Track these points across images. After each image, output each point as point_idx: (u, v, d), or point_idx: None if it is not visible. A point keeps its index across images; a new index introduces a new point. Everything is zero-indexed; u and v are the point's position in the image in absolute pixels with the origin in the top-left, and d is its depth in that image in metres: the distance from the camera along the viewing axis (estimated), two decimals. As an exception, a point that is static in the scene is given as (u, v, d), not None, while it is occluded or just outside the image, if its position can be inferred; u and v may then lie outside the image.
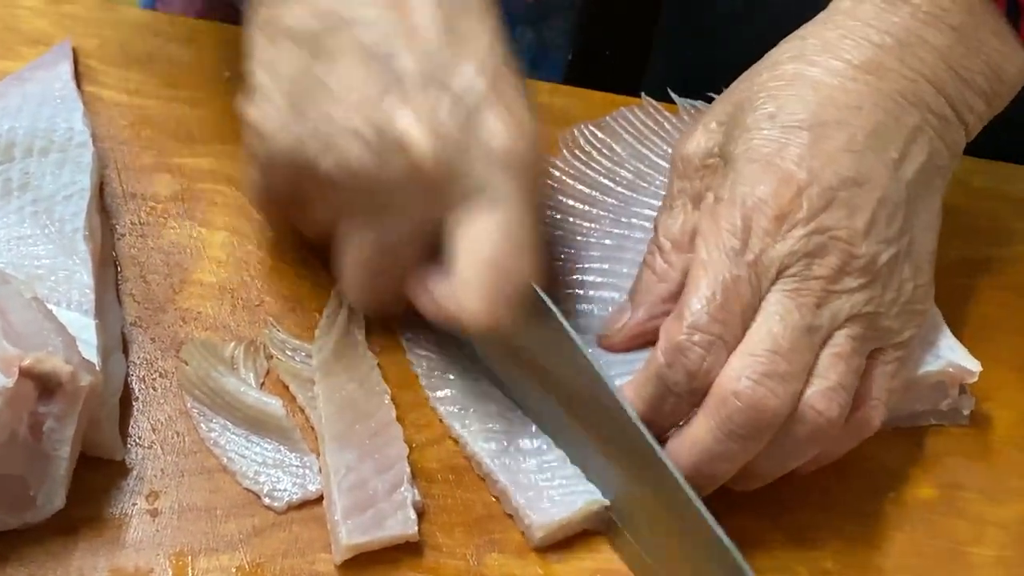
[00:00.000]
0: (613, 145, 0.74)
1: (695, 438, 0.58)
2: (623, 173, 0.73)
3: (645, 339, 0.63)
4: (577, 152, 0.73)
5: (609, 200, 0.71)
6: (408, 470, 0.59)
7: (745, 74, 0.65)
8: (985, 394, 0.68)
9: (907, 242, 0.61)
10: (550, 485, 0.60)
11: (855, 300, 0.59)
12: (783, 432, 0.58)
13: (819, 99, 0.61)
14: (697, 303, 0.58)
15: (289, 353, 0.63)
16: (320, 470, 0.59)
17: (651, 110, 0.75)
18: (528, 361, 0.62)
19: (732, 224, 0.59)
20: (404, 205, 0.58)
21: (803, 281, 0.59)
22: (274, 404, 0.61)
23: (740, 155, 0.61)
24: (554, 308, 0.59)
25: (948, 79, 0.62)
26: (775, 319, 0.58)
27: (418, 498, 0.59)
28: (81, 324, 0.58)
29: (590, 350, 0.59)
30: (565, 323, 0.59)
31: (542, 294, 0.59)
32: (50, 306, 0.57)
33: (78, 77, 0.71)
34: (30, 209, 0.63)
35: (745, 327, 0.58)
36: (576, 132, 0.74)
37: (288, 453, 0.60)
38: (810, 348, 0.58)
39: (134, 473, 0.58)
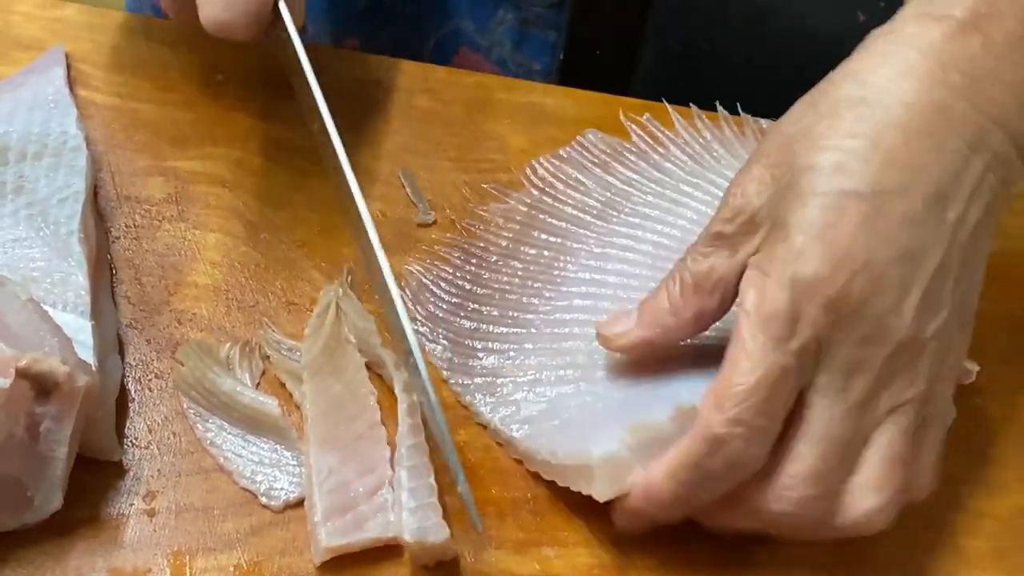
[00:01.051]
0: (579, 176, 0.74)
1: (733, 524, 0.59)
2: (591, 203, 0.72)
3: (641, 352, 0.62)
4: (544, 187, 0.73)
5: (582, 231, 0.71)
6: (391, 472, 0.59)
7: (800, 111, 0.60)
8: (977, 388, 0.68)
9: (959, 303, 0.58)
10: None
11: (902, 386, 0.57)
12: (829, 527, 0.58)
13: (881, 159, 0.56)
14: (741, 396, 0.55)
15: (284, 352, 0.63)
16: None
17: (601, 137, 0.75)
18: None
19: (780, 308, 0.56)
20: None
21: (848, 380, 0.56)
22: (270, 403, 0.61)
23: (794, 224, 0.57)
24: (289, 19, 0.63)
25: (1017, 117, 0.58)
26: (818, 434, 0.56)
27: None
28: (77, 326, 0.58)
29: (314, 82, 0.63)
30: (295, 35, 0.63)
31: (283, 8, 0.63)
32: (46, 308, 0.57)
33: (71, 81, 0.71)
34: (25, 212, 0.63)
35: (787, 411, 0.57)
36: (537, 165, 0.74)
37: (285, 452, 0.60)
38: (856, 450, 0.57)
39: (131, 474, 0.58)
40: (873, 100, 0.57)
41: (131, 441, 0.59)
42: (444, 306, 0.67)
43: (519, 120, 0.76)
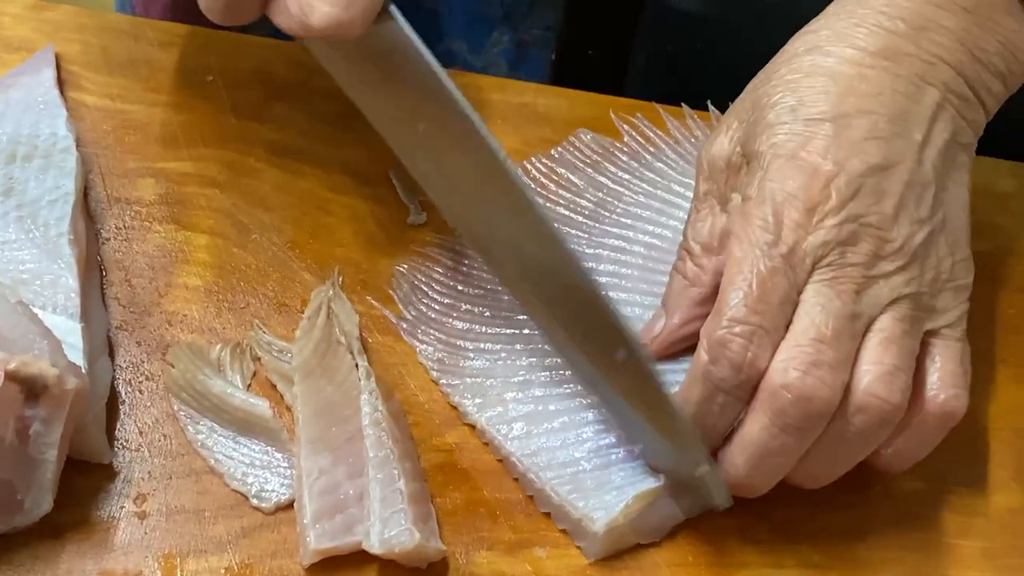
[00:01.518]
0: (570, 176, 0.74)
1: (748, 437, 0.59)
2: (583, 203, 0.72)
3: (682, 345, 0.64)
4: (536, 188, 0.73)
5: (574, 232, 0.71)
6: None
7: (762, 71, 0.65)
8: (970, 387, 0.68)
9: (940, 219, 0.61)
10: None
11: (894, 283, 0.59)
12: (844, 425, 0.58)
13: (839, 90, 0.61)
14: (735, 297, 0.58)
15: (275, 354, 0.63)
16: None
17: (593, 137, 0.75)
18: (385, 86, 0.63)
19: (764, 220, 0.59)
20: None
21: (839, 269, 0.59)
22: (261, 405, 0.61)
23: (765, 152, 0.61)
24: (400, 17, 0.59)
25: (965, 60, 0.62)
26: (816, 309, 0.58)
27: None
28: (67, 328, 0.58)
29: (435, 63, 0.60)
30: (412, 34, 0.59)
31: (395, 12, 0.60)
32: (35, 310, 0.57)
33: (61, 83, 0.71)
34: (14, 214, 0.63)
35: (785, 319, 0.58)
36: (528, 166, 0.74)
37: (276, 454, 0.60)
38: (853, 336, 0.58)
39: (121, 476, 0.58)
40: (825, 47, 0.62)
41: (121, 443, 0.59)
42: (436, 307, 0.67)
43: (512, 121, 0.76)
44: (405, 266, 0.68)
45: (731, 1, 0.84)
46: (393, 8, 0.60)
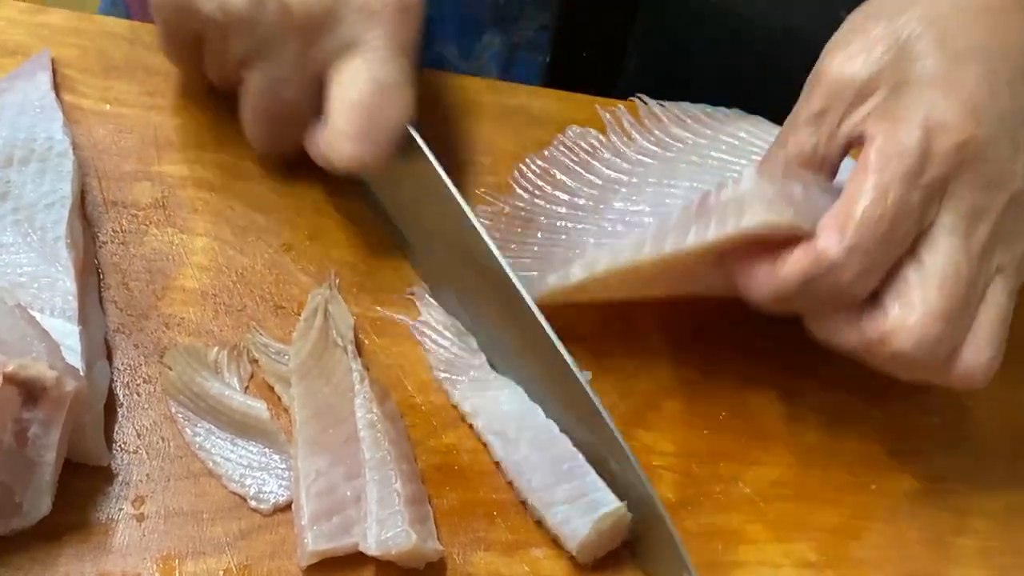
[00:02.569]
0: (562, 177, 0.74)
1: (843, 349, 0.59)
2: (580, 202, 0.73)
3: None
4: (532, 189, 0.74)
5: (570, 225, 0.72)
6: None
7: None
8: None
9: None
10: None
11: (1011, 241, 0.59)
12: (941, 373, 0.59)
13: (983, 29, 0.60)
14: (865, 224, 0.57)
15: (273, 356, 0.63)
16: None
17: (580, 132, 0.76)
18: (410, 201, 0.67)
19: (912, 142, 0.58)
20: (282, 52, 0.63)
21: (972, 223, 0.58)
22: (259, 407, 0.61)
23: (915, 80, 0.59)
24: (425, 147, 0.64)
25: None
26: (943, 274, 0.57)
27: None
28: (65, 331, 0.58)
29: (456, 192, 0.63)
30: (434, 160, 0.64)
31: (416, 134, 0.64)
32: (33, 313, 0.57)
33: (57, 87, 0.71)
34: (11, 218, 0.63)
35: (902, 251, 0.58)
36: (524, 167, 0.74)
37: (273, 456, 0.60)
38: (976, 298, 0.58)
39: (120, 478, 0.58)
40: None
41: (119, 446, 0.59)
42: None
43: (505, 123, 0.77)
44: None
45: (725, 2, 0.84)
46: (415, 134, 0.64)
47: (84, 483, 0.58)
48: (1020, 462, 0.69)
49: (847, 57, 0.62)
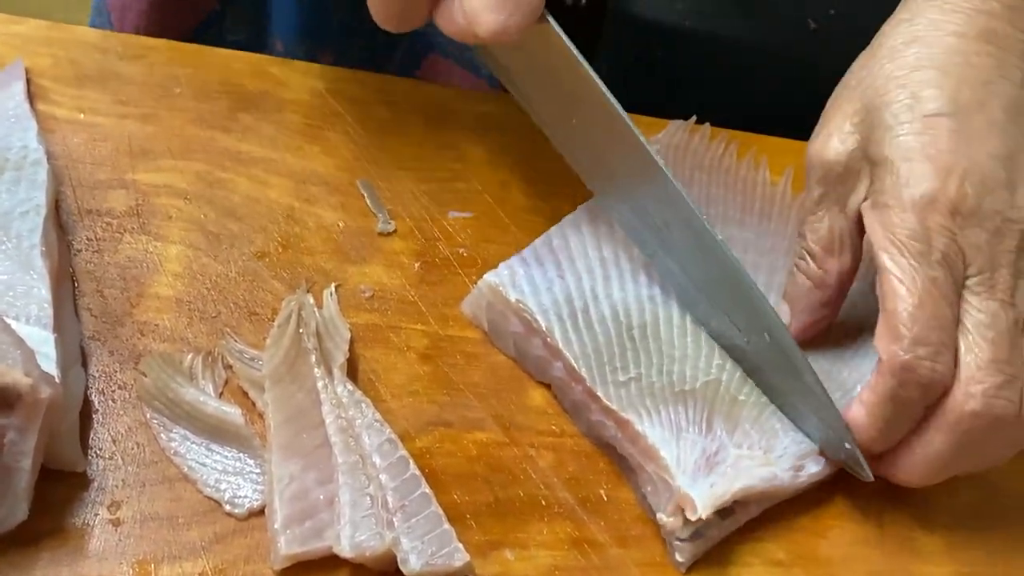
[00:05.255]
0: None
1: (934, 453, 0.61)
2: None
3: (804, 342, 0.65)
4: None
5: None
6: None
7: (860, 66, 0.65)
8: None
9: None
10: None
11: None
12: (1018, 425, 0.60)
13: (952, 83, 0.61)
14: (909, 318, 0.59)
15: (247, 362, 0.64)
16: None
17: None
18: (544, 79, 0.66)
19: (910, 228, 0.59)
20: None
21: (993, 274, 0.59)
22: (233, 413, 0.61)
23: (893, 155, 0.61)
24: (557, 27, 0.62)
25: None
26: (983, 327, 0.59)
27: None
28: (40, 338, 0.59)
29: (587, 65, 0.63)
30: (566, 39, 0.62)
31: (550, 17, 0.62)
32: (8, 320, 0.58)
33: (31, 96, 0.71)
34: (-14, 227, 0.64)
35: (956, 323, 0.59)
36: None
37: (248, 460, 0.61)
38: (1019, 339, 0.59)
39: (95, 484, 0.59)
40: (925, 37, 0.62)
41: (95, 452, 0.60)
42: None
43: (475, 130, 0.77)
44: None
45: (694, 11, 0.85)
46: (548, 14, 0.63)
47: (60, 489, 0.58)
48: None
49: (826, 138, 0.64)
